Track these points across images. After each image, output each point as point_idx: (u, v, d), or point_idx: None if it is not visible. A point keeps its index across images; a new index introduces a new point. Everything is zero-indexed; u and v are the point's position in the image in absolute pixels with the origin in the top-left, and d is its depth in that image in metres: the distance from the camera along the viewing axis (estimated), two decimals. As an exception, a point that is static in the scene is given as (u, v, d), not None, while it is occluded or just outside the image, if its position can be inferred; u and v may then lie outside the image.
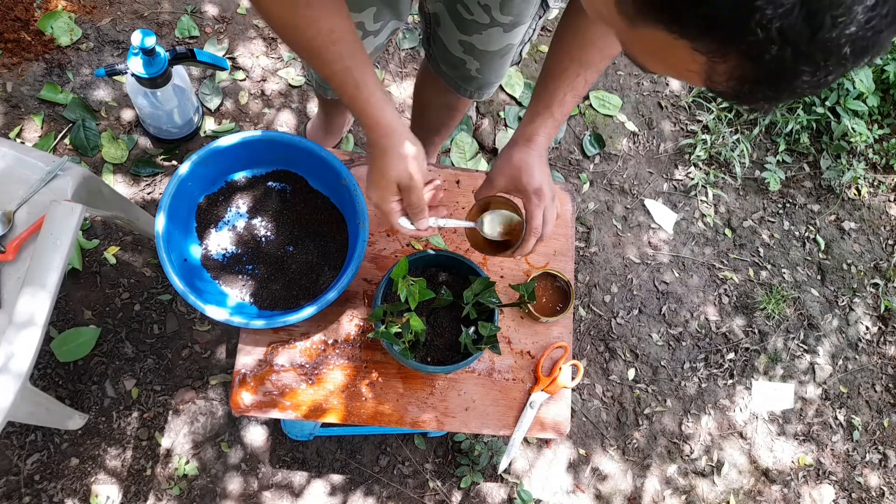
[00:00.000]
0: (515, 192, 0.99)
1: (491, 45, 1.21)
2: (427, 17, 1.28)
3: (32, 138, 1.89)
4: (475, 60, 1.28)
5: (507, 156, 0.98)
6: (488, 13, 1.12)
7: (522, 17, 1.14)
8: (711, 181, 2.34)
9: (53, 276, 1.17)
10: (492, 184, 1.00)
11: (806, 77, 0.43)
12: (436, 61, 1.39)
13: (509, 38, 1.19)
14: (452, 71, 1.37)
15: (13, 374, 1.12)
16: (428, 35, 1.34)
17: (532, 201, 0.95)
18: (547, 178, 0.97)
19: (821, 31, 0.39)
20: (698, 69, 0.46)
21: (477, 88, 1.41)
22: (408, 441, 1.84)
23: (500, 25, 1.14)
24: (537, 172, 0.95)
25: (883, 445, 2.19)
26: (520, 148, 0.97)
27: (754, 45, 0.41)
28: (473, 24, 1.17)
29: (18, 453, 1.65)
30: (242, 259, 1.19)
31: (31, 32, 1.96)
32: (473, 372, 1.21)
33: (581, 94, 0.98)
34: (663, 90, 2.44)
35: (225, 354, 1.81)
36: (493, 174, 1.00)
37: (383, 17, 1.16)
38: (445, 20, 1.22)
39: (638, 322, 2.12)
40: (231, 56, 2.10)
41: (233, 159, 1.20)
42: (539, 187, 0.95)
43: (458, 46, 1.25)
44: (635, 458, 2.00)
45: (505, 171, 0.98)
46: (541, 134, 0.97)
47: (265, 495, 1.73)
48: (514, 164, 0.96)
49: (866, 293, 2.35)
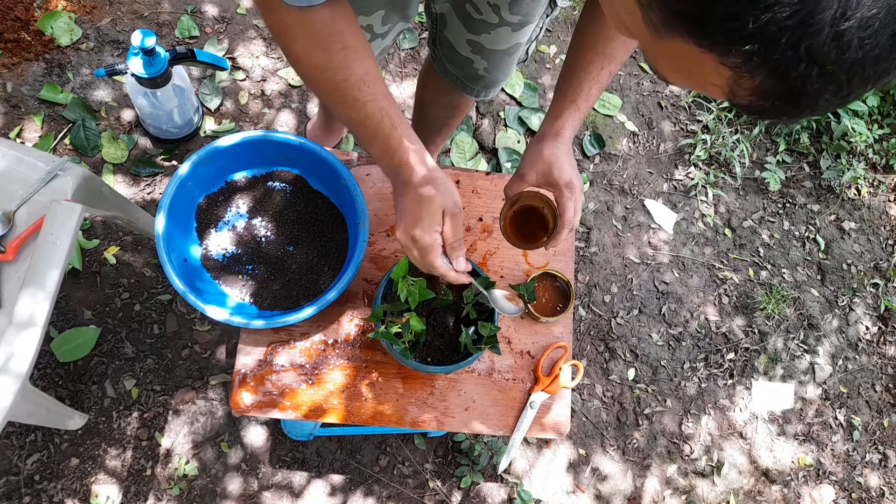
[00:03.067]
0: (546, 186, 1.01)
1: (499, 44, 1.21)
2: (433, 18, 1.28)
3: (32, 138, 1.89)
4: (483, 60, 1.28)
5: (536, 151, 1.00)
6: (497, 13, 1.12)
7: (531, 16, 1.14)
8: (711, 181, 2.34)
9: (53, 276, 1.17)
10: (523, 179, 1.01)
11: (828, 96, 0.44)
12: (441, 62, 1.38)
13: (517, 37, 1.20)
14: (459, 71, 1.37)
15: (13, 374, 1.12)
16: (434, 36, 1.34)
17: (564, 194, 0.98)
18: (575, 170, 1.00)
19: (847, 53, 0.40)
20: (723, 84, 0.47)
21: (484, 87, 1.41)
22: (408, 441, 1.84)
23: (509, 25, 1.15)
24: (567, 166, 0.98)
25: (883, 445, 2.19)
26: (549, 143, 0.99)
27: (782, 62, 0.42)
28: (482, 24, 1.17)
29: (18, 453, 1.65)
30: (242, 259, 1.19)
31: (31, 32, 1.96)
32: (473, 372, 1.21)
33: (605, 86, 0.99)
34: (663, 90, 2.44)
35: (225, 354, 1.81)
36: (524, 169, 1.01)
37: (391, 19, 1.16)
38: (453, 20, 1.22)
39: (638, 322, 2.12)
40: (231, 56, 2.10)
41: (233, 159, 1.20)
42: (570, 180, 0.98)
43: (466, 46, 1.25)
44: (635, 458, 2.00)
45: (536, 166, 0.99)
46: (568, 128, 0.99)
47: (265, 495, 1.73)
48: (545, 159, 0.98)
49: (866, 293, 2.35)
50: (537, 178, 1.00)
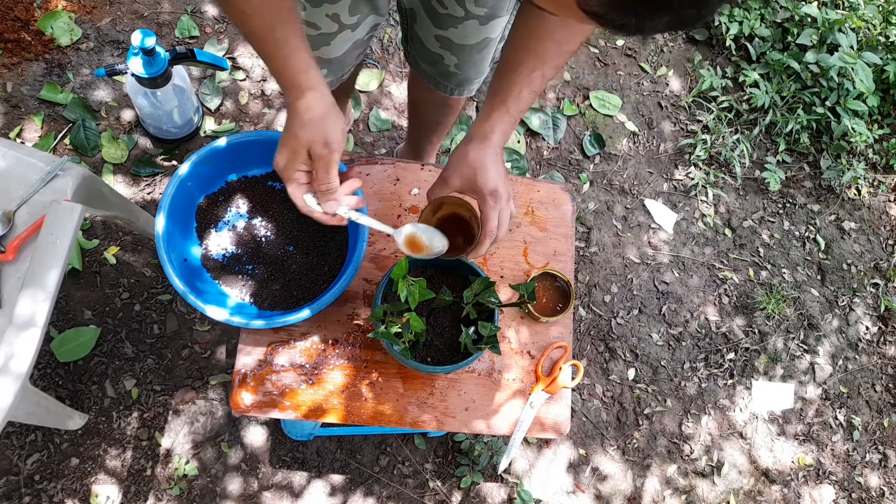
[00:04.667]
0: (470, 193, 0.95)
1: (467, 38, 1.20)
2: (404, 13, 1.27)
3: (32, 138, 1.89)
4: (452, 55, 1.27)
5: (462, 154, 0.94)
6: (462, 5, 1.10)
7: (497, 8, 1.12)
8: (711, 181, 2.34)
9: (53, 276, 1.17)
10: (446, 183, 0.96)
11: (668, 15, 0.45)
12: (414, 59, 1.37)
13: (486, 31, 1.18)
14: (431, 67, 1.35)
15: (13, 374, 1.12)
16: (406, 32, 1.33)
17: (487, 203, 0.92)
18: (503, 177, 0.94)
19: None
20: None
21: (457, 85, 1.38)
22: (408, 441, 1.84)
23: (476, 18, 1.13)
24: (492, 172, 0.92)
25: (883, 445, 2.19)
26: (475, 146, 0.93)
27: None
28: (448, 18, 1.15)
29: (18, 453, 1.65)
30: (242, 259, 1.19)
31: (31, 32, 1.96)
32: (473, 372, 1.21)
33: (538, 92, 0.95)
34: (663, 90, 2.44)
35: (225, 354, 1.81)
36: (448, 173, 0.96)
37: (359, 9, 1.13)
38: (421, 15, 1.21)
39: (638, 322, 2.12)
40: (231, 56, 2.10)
41: (233, 159, 1.20)
42: (494, 188, 0.92)
43: (435, 42, 1.24)
44: (635, 458, 2.00)
45: (460, 170, 0.94)
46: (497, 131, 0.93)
47: (265, 495, 1.73)
48: (469, 164, 0.93)
49: (866, 293, 2.35)
50: (461, 184, 0.94)
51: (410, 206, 1.28)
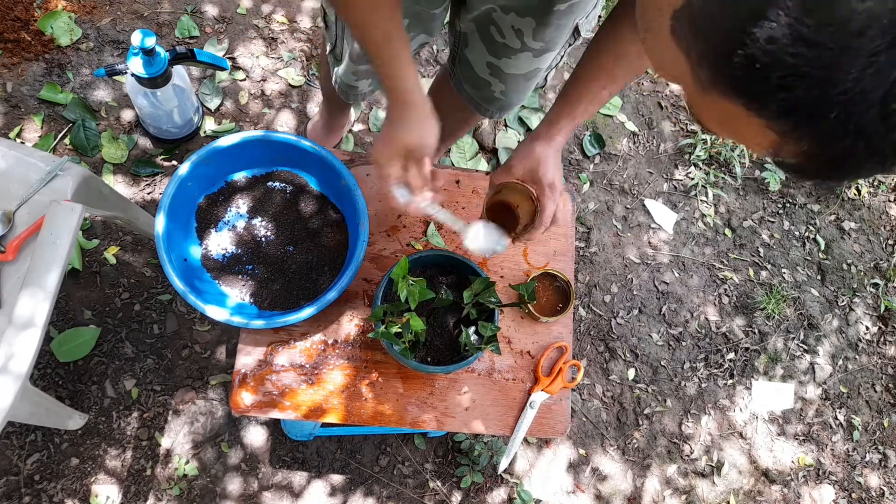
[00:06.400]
0: (531, 183, 1.04)
1: (519, 69, 1.21)
2: (456, 36, 1.27)
3: (32, 138, 1.89)
4: (500, 83, 1.28)
5: (528, 147, 1.03)
6: (520, 38, 1.12)
7: (553, 43, 1.14)
8: (711, 181, 2.34)
9: (53, 276, 1.17)
10: (510, 170, 1.05)
11: (872, 165, 0.45)
12: (459, 80, 1.37)
13: (538, 62, 1.19)
14: (475, 91, 1.36)
15: (13, 375, 1.12)
16: (454, 54, 1.33)
17: (546, 193, 1.02)
18: (560, 175, 1.03)
19: (894, 133, 0.41)
20: (767, 145, 0.47)
21: (498, 109, 1.40)
22: (408, 441, 1.84)
23: (531, 50, 1.15)
24: (552, 168, 1.02)
25: (883, 445, 2.19)
26: (541, 143, 1.03)
27: (829, 134, 0.42)
28: (504, 48, 1.16)
29: (18, 453, 1.65)
30: (242, 259, 1.19)
31: (31, 32, 1.96)
32: (473, 372, 1.21)
33: (602, 104, 1.03)
34: (663, 90, 2.44)
35: (225, 354, 1.81)
36: (513, 162, 1.05)
37: (413, 29, 1.16)
38: (475, 41, 1.21)
39: (638, 322, 2.12)
40: (231, 56, 2.10)
41: (233, 159, 1.20)
42: (552, 181, 1.01)
43: (486, 68, 1.25)
44: (635, 458, 2.00)
45: (525, 161, 1.03)
46: (561, 134, 1.03)
47: (265, 495, 1.73)
48: (534, 157, 1.02)
49: (866, 293, 2.35)
50: (524, 173, 1.04)
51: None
